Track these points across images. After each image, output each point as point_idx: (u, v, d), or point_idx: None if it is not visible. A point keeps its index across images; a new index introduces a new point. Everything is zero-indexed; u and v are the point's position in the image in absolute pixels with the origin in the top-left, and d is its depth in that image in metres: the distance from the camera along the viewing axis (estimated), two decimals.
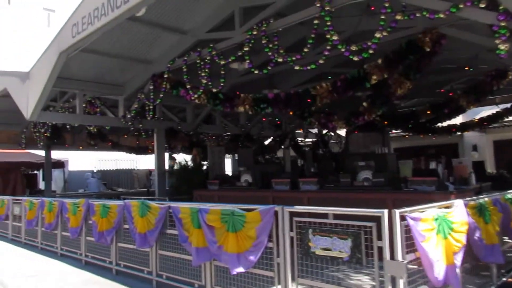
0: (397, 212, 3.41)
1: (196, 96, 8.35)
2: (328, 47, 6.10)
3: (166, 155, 12.31)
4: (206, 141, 12.21)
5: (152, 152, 15.41)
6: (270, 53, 6.65)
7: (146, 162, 20.14)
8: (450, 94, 9.39)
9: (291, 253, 4.04)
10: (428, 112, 10.23)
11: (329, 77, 9.69)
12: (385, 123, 9.60)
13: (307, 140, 15.45)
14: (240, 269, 4.40)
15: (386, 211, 3.46)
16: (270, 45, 6.65)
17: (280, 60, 6.61)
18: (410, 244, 3.49)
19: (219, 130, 12.41)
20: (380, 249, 3.42)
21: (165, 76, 8.71)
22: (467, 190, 7.22)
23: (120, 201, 6.75)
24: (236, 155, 12.58)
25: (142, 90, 9.59)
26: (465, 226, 4.00)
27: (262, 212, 4.28)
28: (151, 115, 9.56)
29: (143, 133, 10.99)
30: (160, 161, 10.71)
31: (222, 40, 7.52)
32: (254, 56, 7.53)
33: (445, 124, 12.59)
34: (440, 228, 3.71)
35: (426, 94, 12.71)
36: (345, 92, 7.40)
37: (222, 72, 7.79)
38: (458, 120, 13.04)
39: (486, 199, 5.01)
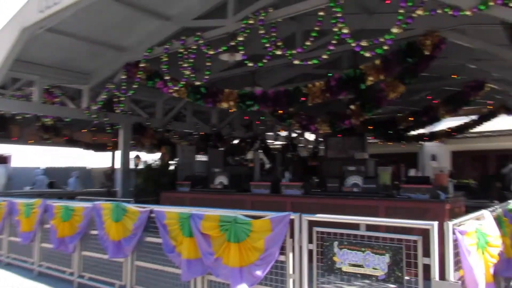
0: (450, 225, 2.94)
1: (175, 89, 7.62)
2: (334, 41, 5.64)
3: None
4: (176, 140, 11.41)
5: (111, 149, 14.41)
6: (268, 45, 6.09)
7: (98, 160, 18.90)
8: (435, 101, 9.27)
9: (309, 269, 3.49)
10: (409, 119, 10.12)
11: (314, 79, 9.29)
12: (370, 127, 9.32)
13: (276, 143, 15.02)
14: (243, 286, 3.79)
15: (436, 224, 2.99)
16: (267, 36, 6.10)
17: (278, 53, 6.07)
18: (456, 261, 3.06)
19: (190, 128, 11.66)
20: (426, 267, 2.95)
21: (142, 65, 7.90)
22: (457, 199, 7.01)
23: (87, 202, 5.88)
24: (203, 155, 11.84)
25: (111, 80, 8.69)
26: (499, 239, 3.64)
27: (274, 220, 3.70)
28: (120, 108, 8.67)
29: (108, 128, 10.01)
30: (125, 159, 9.80)
31: (210, 28, 6.87)
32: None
33: (415, 132, 12.67)
34: (480, 243, 3.31)
35: (396, 102, 12.70)
36: (339, 92, 7.01)
37: (208, 64, 7.14)
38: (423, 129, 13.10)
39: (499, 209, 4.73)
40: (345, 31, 5.33)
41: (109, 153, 15.36)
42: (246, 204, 8.05)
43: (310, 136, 16.97)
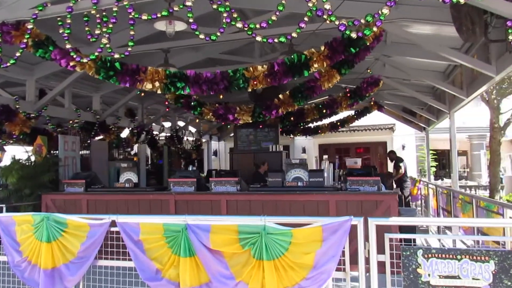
0: None
1: (81, 61, 5.91)
2: (306, 18, 4.98)
3: None
4: (51, 129, 9.17)
5: None
6: (225, 15, 5.07)
7: None
8: (354, 92, 9.43)
9: (380, 286, 2.81)
10: (314, 112, 10.15)
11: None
12: (292, 118, 8.97)
13: (161, 135, 13.66)
14: None
15: None
16: (224, 3, 5.08)
17: (239, 25, 5.11)
18: None
19: (69, 116, 9.52)
20: None
21: (29, 27, 5.90)
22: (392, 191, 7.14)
23: None
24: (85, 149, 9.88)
25: None
26: None
27: (328, 228, 2.88)
28: None
29: None
30: None
31: None
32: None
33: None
34: None
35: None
36: (282, 77, 6.39)
37: (132, 33, 5.69)
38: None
39: None
40: (327, 6, 4.73)
41: None
42: (168, 206, 6.86)
43: (192, 129, 16.01)
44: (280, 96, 7.76)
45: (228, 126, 17.27)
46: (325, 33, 7.15)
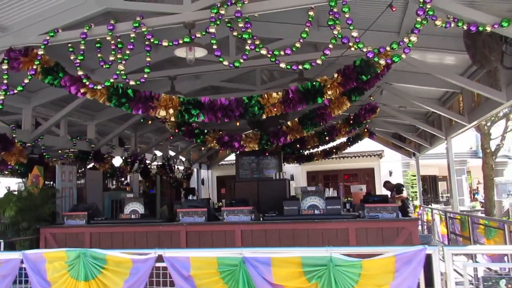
0: None
1: (94, 88, 5.71)
2: (331, 46, 4.99)
3: None
4: (47, 159, 8.77)
5: None
6: (249, 42, 5.03)
7: None
8: (352, 119, 9.48)
9: None
10: (315, 139, 10.15)
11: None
12: (296, 145, 8.88)
13: (153, 164, 13.33)
14: None
15: None
16: (247, 31, 5.04)
17: (263, 52, 5.07)
18: None
19: (64, 145, 9.16)
20: None
21: (40, 53, 5.69)
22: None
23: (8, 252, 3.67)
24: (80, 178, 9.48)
25: None
26: None
27: (402, 258, 2.76)
28: None
29: None
30: None
31: (151, 15, 5.38)
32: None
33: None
34: None
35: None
36: (297, 104, 6.36)
37: (148, 59, 5.57)
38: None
39: None
40: (354, 34, 4.75)
41: None
42: (179, 237, 6.59)
43: (182, 157, 15.74)
44: (289, 123, 7.72)
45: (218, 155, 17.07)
46: (329, 60, 7.22)
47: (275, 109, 6.31)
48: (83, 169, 9.51)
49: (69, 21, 5.78)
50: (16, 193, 7.47)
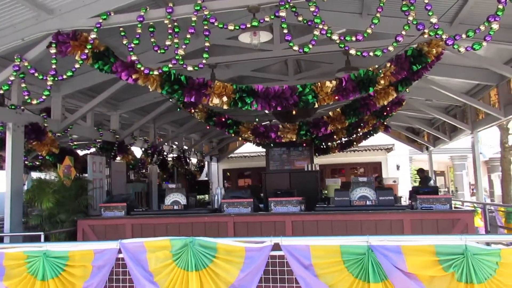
0: None
1: (150, 73, 5.50)
2: (403, 32, 4.87)
3: None
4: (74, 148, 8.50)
5: None
6: (321, 27, 4.88)
7: None
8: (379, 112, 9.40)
9: None
10: (343, 131, 10.06)
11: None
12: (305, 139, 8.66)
13: (170, 156, 13.11)
14: None
15: None
16: (316, 16, 4.90)
17: (334, 38, 4.93)
18: None
19: (92, 135, 8.89)
20: None
21: (92, 36, 5.45)
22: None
23: (92, 242, 3.48)
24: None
25: (19, 55, 5.77)
26: None
27: None
28: (43, 97, 5.83)
29: None
30: (16, 176, 6.63)
31: None
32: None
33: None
34: None
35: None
36: (350, 93, 6.25)
37: (207, 44, 5.38)
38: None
39: None
40: (433, 20, 4.64)
41: None
42: (226, 228, 6.43)
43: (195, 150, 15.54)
44: (330, 113, 7.61)
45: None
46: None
47: (327, 98, 6.20)
48: (108, 160, 9.25)
49: (121, 4, 5.56)
50: (51, 184, 7.20)
